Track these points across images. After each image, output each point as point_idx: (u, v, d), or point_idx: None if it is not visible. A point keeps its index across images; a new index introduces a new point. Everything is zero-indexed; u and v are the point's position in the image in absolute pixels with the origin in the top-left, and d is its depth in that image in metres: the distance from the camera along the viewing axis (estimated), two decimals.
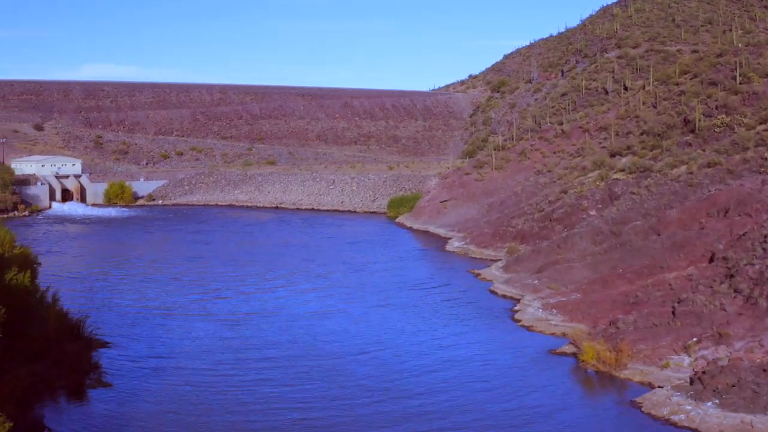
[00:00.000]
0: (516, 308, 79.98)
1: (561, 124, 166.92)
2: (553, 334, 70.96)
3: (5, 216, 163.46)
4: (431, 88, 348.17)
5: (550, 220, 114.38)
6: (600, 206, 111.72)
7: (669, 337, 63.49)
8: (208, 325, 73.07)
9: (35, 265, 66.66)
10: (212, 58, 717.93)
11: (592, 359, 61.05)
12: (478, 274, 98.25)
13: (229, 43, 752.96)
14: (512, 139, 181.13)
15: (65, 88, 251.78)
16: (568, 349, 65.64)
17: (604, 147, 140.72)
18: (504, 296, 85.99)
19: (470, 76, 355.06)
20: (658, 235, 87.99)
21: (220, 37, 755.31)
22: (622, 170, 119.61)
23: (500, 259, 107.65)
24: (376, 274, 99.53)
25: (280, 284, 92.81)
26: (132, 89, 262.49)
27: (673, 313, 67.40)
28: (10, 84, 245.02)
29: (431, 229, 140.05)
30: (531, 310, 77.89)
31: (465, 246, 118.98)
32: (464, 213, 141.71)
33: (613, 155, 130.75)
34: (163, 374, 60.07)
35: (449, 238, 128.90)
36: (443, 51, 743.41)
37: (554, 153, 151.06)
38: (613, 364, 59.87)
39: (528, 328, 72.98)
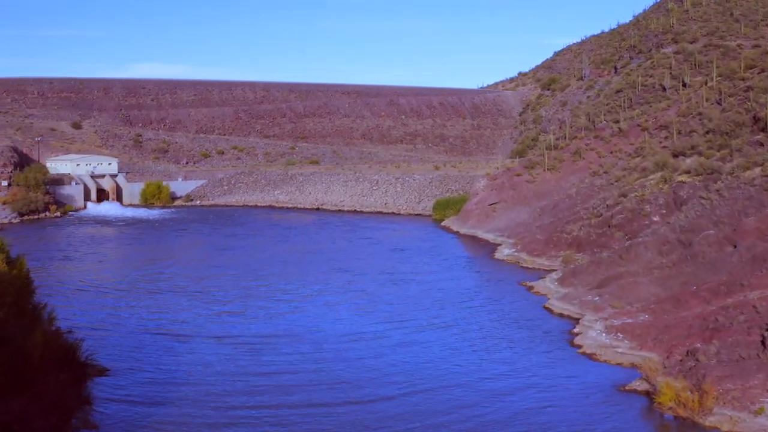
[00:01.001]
0: (575, 330, 69.51)
1: (617, 122, 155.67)
2: (620, 364, 60.42)
3: (36, 217, 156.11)
4: (480, 86, 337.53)
5: (609, 227, 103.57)
6: (664, 212, 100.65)
7: (761, 374, 52.60)
8: (223, 349, 63.25)
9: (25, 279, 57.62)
10: (256, 56, 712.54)
11: (669, 401, 50.40)
12: (531, 288, 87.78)
13: (274, 42, 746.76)
14: (565, 138, 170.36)
15: (106, 85, 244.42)
16: (639, 385, 55.06)
17: (665, 147, 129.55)
18: (561, 315, 75.48)
19: (520, 74, 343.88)
20: (735, 246, 77.00)
21: (265, 36, 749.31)
22: (687, 172, 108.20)
23: (554, 270, 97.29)
24: (419, 287, 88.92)
25: (312, 299, 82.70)
26: (174, 87, 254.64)
27: (763, 342, 56.57)
28: (50, 81, 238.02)
29: (479, 234, 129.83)
30: (593, 334, 67.35)
31: (515, 254, 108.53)
32: (514, 217, 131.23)
33: (676, 155, 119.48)
34: (162, 411, 50.51)
35: (498, 245, 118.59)
36: (492, 49, 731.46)
37: (611, 153, 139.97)
38: (696, 409, 49.19)
39: (590, 357, 62.42)
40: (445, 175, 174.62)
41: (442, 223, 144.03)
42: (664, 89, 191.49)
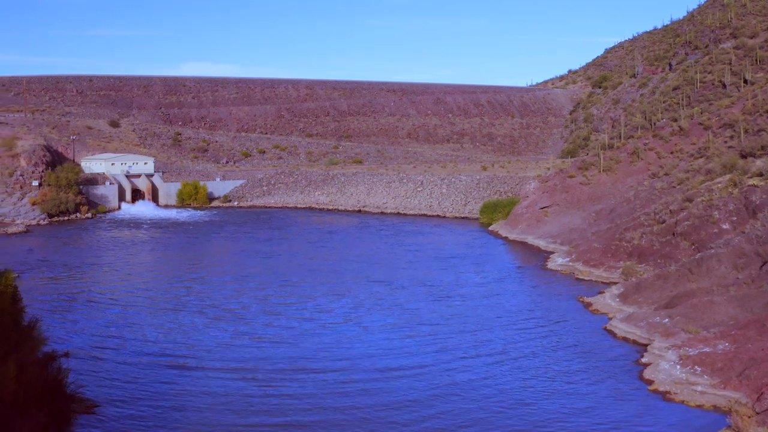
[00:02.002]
0: (644, 360, 59.23)
1: (675, 120, 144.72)
2: (700, 406, 50.13)
3: (66, 218, 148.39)
4: (529, 84, 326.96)
5: (674, 235, 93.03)
6: (735, 219, 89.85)
7: None
8: (234, 383, 53.70)
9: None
10: (300, 54, 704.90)
11: None
12: (589, 305, 77.54)
13: (319, 41, 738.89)
14: (620, 137, 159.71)
15: (146, 83, 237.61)
16: None
17: (731, 147, 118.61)
18: (625, 339, 65.08)
19: (569, 71, 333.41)
20: None
21: (310, 35, 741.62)
22: (759, 175, 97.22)
23: (614, 283, 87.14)
24: (465, 304, 78.53)
25: (344, 317, 72.72)
26: (215, 84, 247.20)
27: None
28: (89, 79, 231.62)
29: (529, 240, 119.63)
30: (665, 366, 57.04)
31: (570, 264, 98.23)
32: (567, 222, 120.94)
33: (744, 156, 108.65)
34: None
35: (551, 253, 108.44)
36: (541, 47, 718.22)
37: (671, 153, 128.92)
38: None
39: (664, 396, 52.09)
40: (492, 176, 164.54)
41: (490, 228, 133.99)
42: (724, 86, 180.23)
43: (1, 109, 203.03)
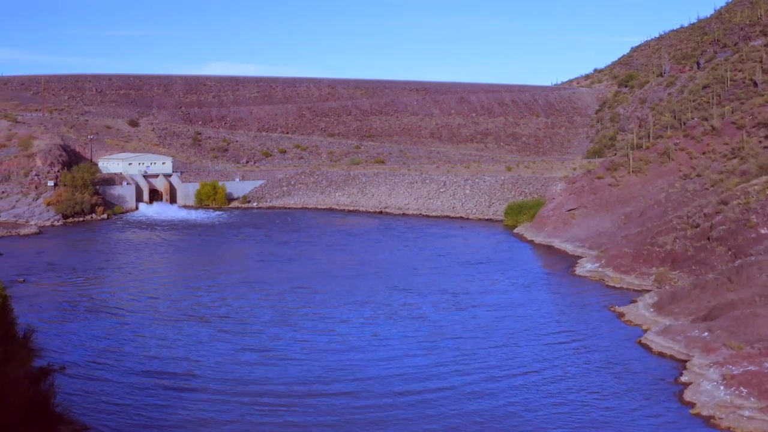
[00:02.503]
0: (683, 378, 54.18)
1: (706, 119, 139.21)
2: None
3: (81, 219, 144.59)
4: (553, 83, 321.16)
5: (709, 240, 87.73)
6: None
7: None
8: (235, 405, 48.88)
9: None
10: (323, 54, 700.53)
11: None
12: (621, 315, 72.48)
13: (341, 41, 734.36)
14: (648, 137, 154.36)
15: (166, 82, 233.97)
16: None
17: (767, 147, 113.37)
18: (661, 354, 59.91)
19: (595, 70, 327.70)
20: None
21: (333, 35, 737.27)
22: None
23: (647, 290, 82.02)
24: (490, 314, 73.24)
25: (359, 330, 67.59)
26: (236, 83, 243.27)
27: None
28: (109, 78, 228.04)
29: (556, 243, 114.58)
30: (707, 386, 52.03)
31: (599, 270, 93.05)
32: (596, 225, 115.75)
33: None
34: None
35: (579, 257, 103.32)
36: (565, 46, 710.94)
37: (703, 153, 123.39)
38: None
39: (708, 421, 47.07)
40: (517, 176, 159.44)
41: (515, 231, 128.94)
42: (755, 84, 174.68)
43: (19, 108, 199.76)
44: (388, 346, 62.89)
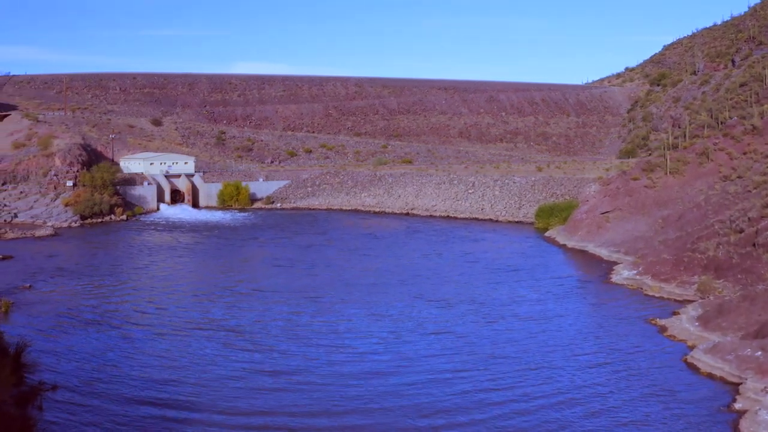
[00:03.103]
0: (737, 405, 48.05)
1: (745, 118, 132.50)
2: None
3: (99, 220, 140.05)
4: (584, 82, 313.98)
5: (755, 246, 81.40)
6: None
7: None
8: None
9: None
10: (350, 54, 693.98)
11: None
12: (663, 329, 66.37)
13: (369, 41, 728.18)
14: (684, 137, 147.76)
15: (191, 81, 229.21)
16: None
17: None
18: (710, 376, 53.91)
19: (627, 69, 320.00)
20: None
21: (361, 35, 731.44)
22: None
23: (689, 300, 76.02)
24: (522, 328, 67.11)
25: (379, 345, 61.69)
26: (262, 82, 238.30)
27: None
28: (133, 77, 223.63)
29: (590, 248, 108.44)
30: (765, 416, 46.17)
31: (637, 277, 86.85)
32: (631, 229, 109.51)
33: None
34: None
35: (615, 263, 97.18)
36: (596, 45, 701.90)
37: (744, 154, 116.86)
38: None
39: None
40: (548, 177, 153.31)
41: (546, 234, 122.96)
42: None
43: (42, 107, 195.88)
44: (411, 365, 56.79)
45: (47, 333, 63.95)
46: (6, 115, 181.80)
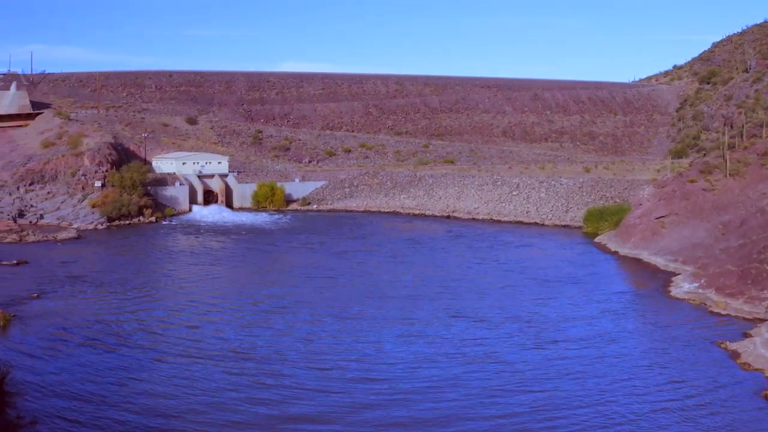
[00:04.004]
0: None
1: None
2: None
3: (126, 222, 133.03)
4: (631, 80, 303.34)
5: None
6: None
7: None
8: None
9: None
10: (390, 51, 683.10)
11: None
12: (736, 354, 57.30)
13: (411, 39, 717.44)
14: (741, 136, 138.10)
15: (228, 79, 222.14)
16: None
17: None
18: None
19: (674, 67, 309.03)
20: None
21: (403, 34, 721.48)
22: None
23: (760, 318, 67.13)
24: (575, 353, 58.06)
25: (411, 375, 53.18)
26: (300, 80, 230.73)
27: None
28: (169, 75, 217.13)
29: (644, 256, 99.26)
30: None
31: (700, 291, 77.76)
32: (689, 235, 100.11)
33: None
34: None
35: (672, 274, 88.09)
36: (641, 44, 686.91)
37: None
38: None
39: None
40: (597, 178, 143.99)
41: (596, 239, 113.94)
42: None
43: (76, 105, 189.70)
44: (447, 402, 48.19)
45: (40, 353, 56.64)
46: (38, 114, 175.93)
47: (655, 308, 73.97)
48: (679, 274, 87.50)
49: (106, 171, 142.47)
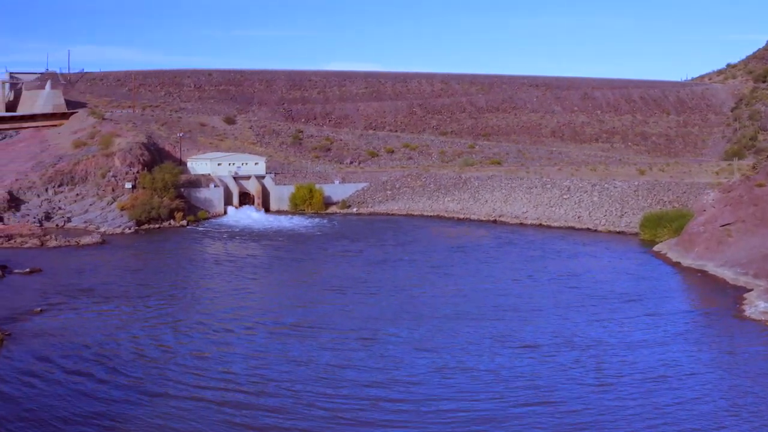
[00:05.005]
0: None
1: None
2: None
3: (156, 226, 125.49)
4: (683, 79, 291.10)
5: None
6: None
7: None
8: None
9: None
10: (436, 50, 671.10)
11: None
12: None
13: (457, 38, 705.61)
14: None
15: (269, 77, 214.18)
16: None
17: None
18: None
19: (728, 65, 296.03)
20: None
21: (449, 33, 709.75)
22: None
23: None
24: (642, 392, 48.11)
25: (444, 417, 44.23)
26: (342, 79, 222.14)
27: None
28: (208, 73, 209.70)
29: (710, 268, 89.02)
30: None
31: None
32: (759, 245, 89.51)
33: None
34: None
35: (744, 289, 77.93)
36: (693, 42, 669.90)
37: None
38: None
39: None
40: (653, 181, 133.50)
41: (655, 248, 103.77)
42: None
43: (112, 105, 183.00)
44: None
45: (23, 387, 48.38)
46: (72, 113, 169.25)
47: (729, 332, 63.74)
48: (752, 289, 77.28)
49: (137, 172, 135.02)
